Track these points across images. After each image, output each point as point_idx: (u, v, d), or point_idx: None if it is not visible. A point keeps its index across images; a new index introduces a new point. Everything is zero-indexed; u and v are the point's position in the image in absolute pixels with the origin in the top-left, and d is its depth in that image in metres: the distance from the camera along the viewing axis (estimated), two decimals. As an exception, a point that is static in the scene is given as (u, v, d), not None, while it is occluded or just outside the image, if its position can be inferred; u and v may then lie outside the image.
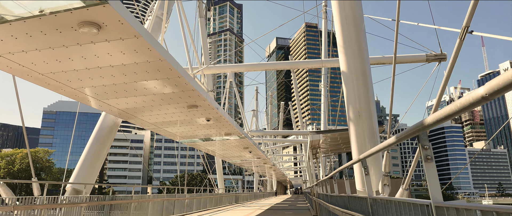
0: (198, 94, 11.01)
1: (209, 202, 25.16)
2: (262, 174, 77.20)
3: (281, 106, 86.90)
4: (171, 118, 13.97)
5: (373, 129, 9.70)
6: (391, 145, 3.02)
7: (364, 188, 9.77)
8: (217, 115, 13.96)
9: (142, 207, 15.05)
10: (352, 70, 9.80)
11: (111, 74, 8.90)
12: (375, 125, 9.80)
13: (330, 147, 18.90)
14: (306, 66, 19.39)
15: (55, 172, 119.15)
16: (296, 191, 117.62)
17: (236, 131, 17.83)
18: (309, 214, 18.14)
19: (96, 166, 13.99)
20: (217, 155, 30.58)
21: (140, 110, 12.51)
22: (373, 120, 9.74)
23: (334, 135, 15.07)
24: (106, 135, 14.47)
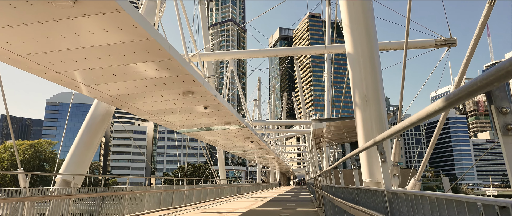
0: (193, 79, 10.28)
1: (210, 193, 24.59)
2: (265, 165, 76.76)
3: (284, 97, 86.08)
4: (166, 105, 13.27)
5: (381, 116, 8.96)
6: (431, 115, 2.29)
7: (371, 179, 9.07)
8: (215, 102, 13.25)
9: (137, 199, 14.44)
10: (358, 51, 9.02)
11: (96, 56, 8.19)
12: (383, 111, 9.05)
13: (334, 137, 18.19)
14: (309, 52, 18.59)
15: (59, 163, 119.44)
16: (299, 182, 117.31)
17: (236, 120, 17.12)
18: (312, 206, 17.50)
19: (87, 156, 13.35)
20: (218, 145, 29.95)
21: (133, 97, 11.81)
22: (381, 106, 8.99)
23: (338, 123, 14.34)
24: (99, 124, 13.80)
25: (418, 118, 2.23)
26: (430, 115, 2.04)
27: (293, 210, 15.12)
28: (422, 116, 2.15)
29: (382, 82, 9.17)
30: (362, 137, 9.12)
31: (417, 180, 7.18)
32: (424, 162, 6.93)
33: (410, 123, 2.43)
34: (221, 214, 13.67)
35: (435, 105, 1.90)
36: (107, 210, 12.34)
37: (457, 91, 1.45)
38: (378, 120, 8.92)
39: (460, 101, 1.45)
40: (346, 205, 4.77)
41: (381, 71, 9.19)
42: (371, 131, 8.94)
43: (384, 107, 9.08)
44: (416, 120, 2.28)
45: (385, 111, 9.08)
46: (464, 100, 1.42)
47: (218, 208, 16.87)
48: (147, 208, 15.16)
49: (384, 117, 9.01)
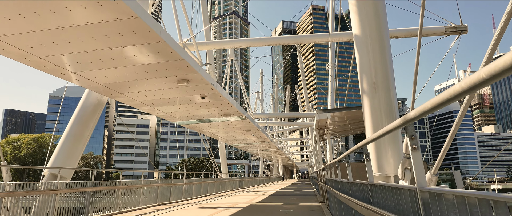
0: (187, 65, 9.55)
1: (210, 187, 23.95)
2: (268, 159, 76.14)
3: (287, 89, 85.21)
4: (161, 95, 12.56)
5: (391, 103, 8.20)
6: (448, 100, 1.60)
7: (380, 173, 8.34)
8: (213, 91, 12.51)
9: (132, 193, 13.79)
10: (366, 33, 8.24)
11: (78, 38, 7.46)
12: (394, 98, 8.29)
13: (338, 129, 17.42)
14: (312, 41, 17.78)
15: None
16: (302, 175, 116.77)
17: (236, 111, 16.40)
18: (316, 201, 16.81)
19: (77, 149, 12.68)
20: (220, 138, 29.29)
21: (125, 86, 11.10)
22: (391, 93, 8.23)
23: (342, 114, 13.57)
24: (90, 115, 13.11)
25: (457, 91, 1.49)
26: (474, 88, 1.32)
27: (295, 205, 14.43)
28: (462, 90, 1.41)
29: (392, 67, 8.40)
30: (370, 127, 8.37)
31: (433, 174, 6.45)
32: (442, 154, 6.18)
33: (444, 99, 1.69)
34: (220, 209, 13.00)
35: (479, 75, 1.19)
36: (100, 204, 11.69)
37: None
38: (388, 109, 8.17)
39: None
40: (356, 204, 4.03)
41: (391, 54, 8.42)
42: (380, 120, 8.20)
43: (394, 94, 8.32)
44: (453, 94, 1.54)
45: (395, 98, 8.33)
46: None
47: (217, 203, 16.21)
48: (143, 203, 14.50)
49: (394, 105, 8.26)
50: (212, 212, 12.21)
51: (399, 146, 8.29)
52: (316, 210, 12.47)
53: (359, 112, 13.25)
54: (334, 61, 34.69)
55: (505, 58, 1.08)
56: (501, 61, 1.10)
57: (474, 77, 1.29)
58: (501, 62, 1.10)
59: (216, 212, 12.18)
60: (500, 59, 1.11)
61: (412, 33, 17.65)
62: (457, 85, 1.51)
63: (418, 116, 2.16)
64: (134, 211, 12.90)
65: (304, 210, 12.42)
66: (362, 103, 8.60)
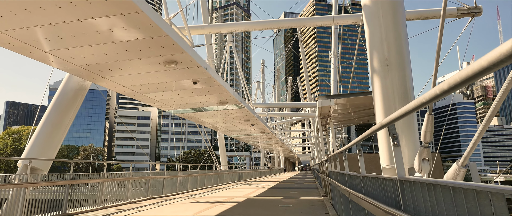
0: (172, 43, 8.43)
1: (208, 180, 22.93)
2: (269, 151, 75.21)
3: (289, 81, 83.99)
4: (149, 79, 11.46)
5: (405, 84, 7.08)
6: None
7: (392, 165, 7.24)
8: (205, 76, 11.40)
9: (119, 186, 12.77)
10: (378, 3, 7.09)
11: (39, 6, 6.35)
12: (409, 78, 7.17)
13: (341, 117, 16.30)
14: (315, 24, 16.62)
15: (62, 149, 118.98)
16: (304, 167, 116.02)
17: (232, 99, 15.30)
18: (317, 194, 15.76)
19: (56, 138, 11.62)
20: (219, 129, 28.23)
21: (106, 68, 10.00)
22: (406, 72, 7.11)
23: (347, 101, 12.45)
24: (70, 101, 12.03)
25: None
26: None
27: (296, 200, 13.38)
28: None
29: (407, 42, 7.26)
30: (381, 111, 7.26)
31: (461, 166, 5.36)
32: (474, 143, 5.08)
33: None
34: (214, 204, 11.96)
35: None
36: (81, 196, 10.66)
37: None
38: (402, 90, 7.05)
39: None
40: (377, 208, 2.92)
41: (406, 27, 7.27)
42: (393, 103, 7.08)
43: (409, 73, 7.19)
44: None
45: (410, 78, 7.20)
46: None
47: (212, 197, 15.18)
48: (131, 196, 13.49)
49: (409, 86, 7.14)
50: (204, 207, 11.17)
51: (415, 133, 7.19)
52: (318, 205, 11.41)
53: (366, 99, 12.13)
54: (337, 47, 33.41)
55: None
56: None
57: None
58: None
59: (208, 207, 11.14)
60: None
61: (422, 15, 16.48)
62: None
63: (449, 89, 1.14)
64: (120, 205, 11.88)
65: (305, 205, 11.36)
66: (372, 85, 7.49)
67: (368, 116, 16.18)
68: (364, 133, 4.21)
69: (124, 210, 10.82)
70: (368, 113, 15.56)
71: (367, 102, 12.95)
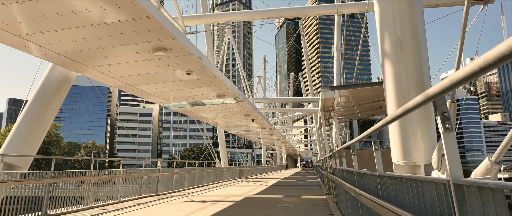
0: (159, 26, 7.59)
1: (206, 177, 22.14)
2: (271, 147, 74.41)
3: (291, 77, 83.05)
4: (138, 70, 10.62)
5: (421, 69, 6.21)
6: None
7: (406, 161, 6.42)
8: (199, 65, 10.55)
9: (109, 185, 11.99)
10: (390, -24, 6.21)
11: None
12: (425, 63, 6.30)
13: (344, 112, 15.41)
14: (317, 13, 15.77)
15: (64, 145, 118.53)
16: (306, 164, 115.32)
17: (230, 92, 14.45)
18: (320, 192, 14.94)
19: (37, 133, 10.80)
20: (219, 125, 27.39)
21: (90, 56, 9.17)
22: (422, 56, 6.24)
23: (350, 93, 11.55)
24: (53, 93, 11.20)
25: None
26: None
27: (297, 198, 12.55)
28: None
29: (424, 21, 6.39)
30: (393, 100, 6.40)
31: (494, 163, 4.48)
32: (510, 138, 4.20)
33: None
34: (209, 204, 11.15)
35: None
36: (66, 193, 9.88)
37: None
38: (417, 76, 6.18)
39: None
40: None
41: (422, 5, 6.39)
42: (407, 91, 6.22)
43: (426, 57, 6.32)
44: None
45: (427, 63, 6.33)
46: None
47: (209, 195, 14.37)
48: (123, 195, 12.71)
49: (426, 72, 6.27)
50: (198, 207, 10.35)
51: (431, 126, 6.33)
52: (321, 205, 10.58)
53: (372, 90, 11.26)
54: (340, 39, 32.44)
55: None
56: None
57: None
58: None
59: (202, 207, 10.32)
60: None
61: (431, 3, 15.64)
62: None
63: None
64: (108, 205, 11.08)
65: (307, 205, 10.54)
66: (383, 71, 6.62)
67: (373, 110, 15.28)
68: (374, 126, 3.39)
69: (112, 210, 10.02)
70: (372, 107, 14.65)
71: (372, 94, 12.10)
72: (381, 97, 12.48)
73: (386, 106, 6.73)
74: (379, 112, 14.96)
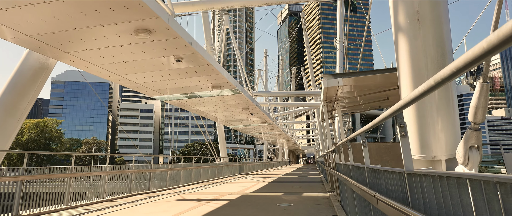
0: (138, 2, 6.63)
1: (204, 173, 21.23)
2: (273, 143, 73.52)
3: (293, 71, 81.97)
4: (122, 56, 9.67)
5: (442, 45, 5.25)
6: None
7: (423, 155, 5.48)
8: (189, 51, 9.59)
9: (94, 181, 11.11)
10: None
11: None
12: (447, 37, 5.33)
13: (347, 104, 14.41)
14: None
15: (65, 142, 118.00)
16: (308, 160, 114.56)
17: (226, 83, 13.48)
18: (323, 189, 14.02)
19: (9, 125, 9.86)
20: (218, 119, 26.44)
21: (64, 39, 8.22)
22: (443, 29, 5.27)
23: (355, 81, 10.57)
24: (28, 82, 10.26)
25: None
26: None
27: (297, 196, 11.62)
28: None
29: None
30: (408, 83, 5.44)
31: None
32: None
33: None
34: (202, 203, 10.23)
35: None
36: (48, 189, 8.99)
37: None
38: (437, 54, 5.21)
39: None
40: None
41: (443, -30, 5.40)
42: (425, 71, 5.26)
43: (448, 31, 5.35)
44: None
45: (449, 38, 5.36)
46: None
47: (203, 193, 13.46)
48: (109, 192, 11.81)
49: (447, 49, 5.30)
50: (188, 206, 9.44)
51: (454, 112, 5.37)
52: (323, 203, 9.64)
53: (378, 78, 10.27)
54: (343, 24, 31.34)
55: None
56: None
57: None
58: None
59: (194, 206, 9.40)
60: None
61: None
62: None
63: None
64: (91, 204, 10.17)
65: (308, 204, 9.60)
66: (396, 49, 5.65)
67: (379, 102, 14.27)
68: (386, 112, 2.49)
69: (93, 210, 9.11)
70: (379, 97, 13.62)
71: (379, 83, 11.13)
72: (388, 86, 11.51)
73: (400, 90, 5.76)
74: (386, 104, 13.97)
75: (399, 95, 5.81)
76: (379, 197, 2.76)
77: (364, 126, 3.60)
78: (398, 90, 11.34)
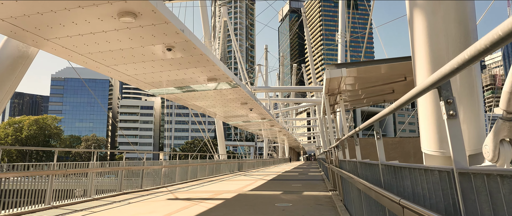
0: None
1: (201, 171, 20.54)
2: (273, 140, 72.80)
3: (293, 68, 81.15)
4: (107, 43, 8.93)
5: (466, 23, 4.51)
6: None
7: (442, 151, 4.74)
8: (180, 39, 8.85)
9: (82, 179, 10.42)
10: None
11: None
12: (471, 14, 4.58)
13: (350, 98, 13.66)
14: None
15: (65, 139, 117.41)
16: (308, 157, 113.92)
17: (222, 75, 12.74)
18: (324, 188, 13.31)
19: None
20: (216, 115, 25.73)
21: (42, 23, 7.49)
22: (466, 3, 4.52)
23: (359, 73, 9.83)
24: (5, 71, 9.49)
25: None
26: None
27: (297, 196, 10.91)
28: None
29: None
30: (425, 66, 4.71)
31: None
32: None
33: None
34: (194, 202, 9.53)
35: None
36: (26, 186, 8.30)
37: None
38: (459, 32, 4.48)
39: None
40: None
41: None
42: (446, 52, 4.52)
43: (472, 6, 4.61)
44: None
45: (474, 14, 4.62)
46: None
47: (198, 191, 12.76)
48: (99, 191, 11.11)
49: (472, 27, 4.56)
50: (179, 206, 8.73)
51: (478, 100, 4.64)
52: (325, 204, 8.93)
53: (388, 69, 9.54)
54: (346, 13, 30.50)
55: None
56: None
57: None
58: None
59: (185, 206, 8.69)
60: None
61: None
62: None
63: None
64: (76, 204, 9.47)
65: (308, 204, 8.89)
66: (411, 29, 4.92)
67: (383, 95, 13.50)
68: (403, 98, 1.81)
69: (76, 210, 8.40)
70: (382, 91, 12.83)
71: (385, 74, 10.40)
72: (394, 78, 10.77)
73: (414, 76, 5.03)
74: (391, 98, 13.22)
75: (414, 82, 5.08)
76: (407, 205, 2.04)
77: (383, 111, 2.87)
78: (406, 82, 10.57)
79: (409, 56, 8.99)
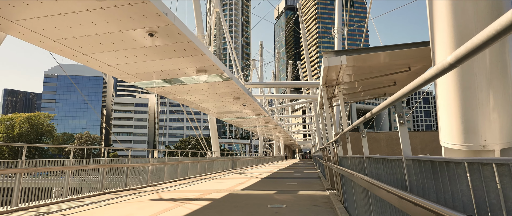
0: None
1: (192, 168, 19.66)
2: (268, 138, 71.99)
3: (289, 65, 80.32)
4: (82, 28, 8.03)
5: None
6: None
7: (467, 143, 3.91)
8: (162, 22, 7.96)
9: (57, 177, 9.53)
10: None
11: None
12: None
13: (347, 91, 12.82)
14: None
15: (59, 137, 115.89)
16: (304, 155, 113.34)
17: (211, 65, 11.87)
18: (321, 187, 12.50)
19: None
20: (209, 111, 24.85)
21: (3, 2, 6.59)
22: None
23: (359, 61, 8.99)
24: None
25: None
26: None
27: (292, 195, 10.09)
28: None
29: None
30: (448, 41, 3.87)
31: None
32: None
33: None
34: (179, 203, 8.67)
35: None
36: None
37: None
38: (489, 4, 3.66)
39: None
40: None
41: None
42: (474, 23, 3.69)
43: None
44: None
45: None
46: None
47: (185, 191, 11.90)
48: (76, 190, 10.22)
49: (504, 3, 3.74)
50: (161, 208, 7.87)
51: (510, 85, 3.81)
52: (322, 205, 8.10)
53: (392, 56, 8.71)
54: (343, 6, 29.68)
55: None
56: None
57: None
58: None
59: (167, 208, 7.83)
60: None
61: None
62: None
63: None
64: (46, 205, 8.57)
65: (304, 205, 8.06)
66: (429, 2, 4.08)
67: (383, 88, 12.65)
68: (429, 72, 0.91)
69: (45, 213, 7.52)
70: (383, 83, 11.99)
71: (386, 64, 9.60)
72: (397, 68, 9.95)
73: (433, 55, 4.20)
74: (392, 91, 12.39)
75: (432, 61, 4.24)
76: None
77: (404, 87, 2.04)
78: (410, 72, 9.73)
79: (414, 42, 8.15)
